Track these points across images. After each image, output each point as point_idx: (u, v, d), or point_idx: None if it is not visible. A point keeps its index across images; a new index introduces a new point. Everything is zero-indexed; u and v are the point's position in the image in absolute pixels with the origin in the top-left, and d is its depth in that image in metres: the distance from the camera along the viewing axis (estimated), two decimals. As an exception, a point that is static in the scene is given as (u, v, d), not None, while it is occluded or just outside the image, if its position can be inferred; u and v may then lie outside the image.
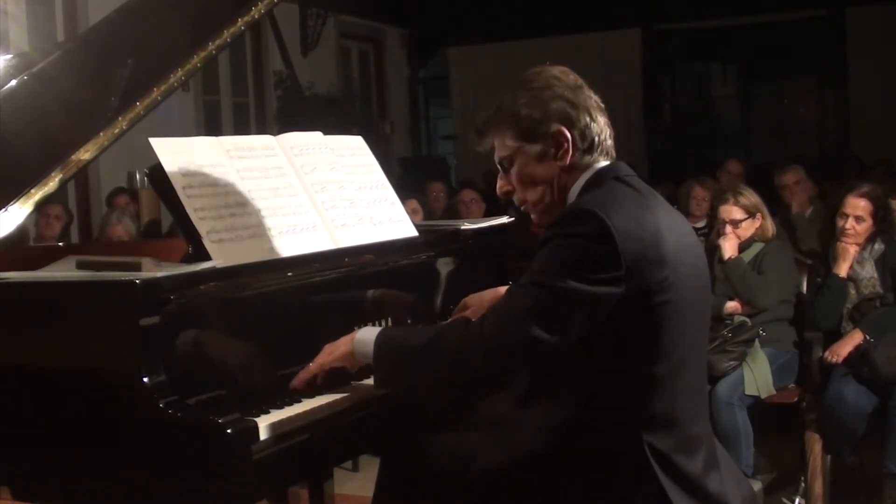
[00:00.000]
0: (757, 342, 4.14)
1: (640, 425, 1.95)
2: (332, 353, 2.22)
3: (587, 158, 2.07)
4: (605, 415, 1.97)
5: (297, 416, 2.10)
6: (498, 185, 2.18)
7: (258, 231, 2.39)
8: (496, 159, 2.16)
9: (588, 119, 2.06)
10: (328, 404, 2.19)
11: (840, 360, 4.00)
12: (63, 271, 2.28)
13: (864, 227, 4.17)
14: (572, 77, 2.12)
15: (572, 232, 1.92)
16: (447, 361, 2.03)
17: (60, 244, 4.61)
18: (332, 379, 2.24)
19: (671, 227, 1.99)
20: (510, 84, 2.16)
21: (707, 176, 6.88)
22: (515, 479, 2.06)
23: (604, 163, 2.09)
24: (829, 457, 3.97)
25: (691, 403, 2.04)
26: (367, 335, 2.16)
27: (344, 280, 2.52)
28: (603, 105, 2.12)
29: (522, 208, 2.16)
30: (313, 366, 2.23)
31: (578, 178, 2.08)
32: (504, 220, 3.22)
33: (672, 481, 1.94)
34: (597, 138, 2.07)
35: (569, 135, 2.05)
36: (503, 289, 2.35)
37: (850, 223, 4.17)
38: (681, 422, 1.98)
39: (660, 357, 1.94)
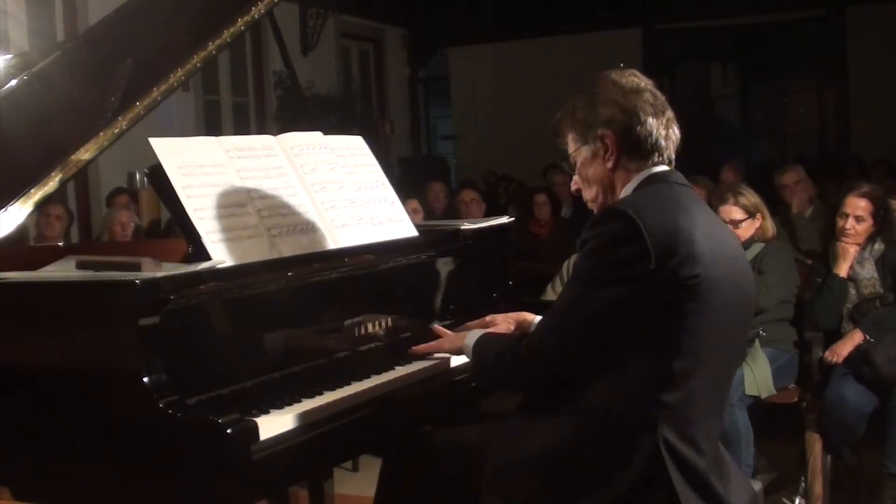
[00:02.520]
0: (757, 342, 4.13)
1: (654, 416, 1.97)
2: (452, 342, 2.49)
3: (636, 162, 2.13)
4: (620, 405, 1.99)
5: (297, 415, 2.10)
6: (572, 182, 2.29)
7: (258, 231, 2.39)
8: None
9: (636, 122, 2.11)
10: (328, 404, 2.19)
11: (840, 360, 4.00)
12: (63, 271, 2.28)
13: (864, 227, 4.17)
14: (633, 80, 2.17)
15: (603, 231, 2.01)
16: (510, 372, 2.19)
17: (60, 244, 4.61)
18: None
19: (711, 233, 2.03)
20: (576, 88, 2.25)
21: (706, 176, 6.87)
22: (518, 479, 2.06)
23: (658, 168, 2.14)
24: (829, 457, 3.97)
25: (708, 402, 2.05)
26: (472, 338, 2.35)
27: (344, 280, 2.52)
28: (664, 106, 2.16)
29: (589, 205, 2.25)
30: (434, 345, 2.54)
31: (629, 180, 2.14)
32: (504, 220, 3.22)
33: (681, 476, 1.96)
34: (648, 140, 2.12)
35: (614, 138, 2.12)
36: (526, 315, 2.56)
37: (850, 223, 4.17)
38: (695, 419, 2.00)
39: (680, 352, 1.97)
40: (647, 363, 1.98)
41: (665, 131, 2.14)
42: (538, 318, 2.46)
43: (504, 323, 2.55)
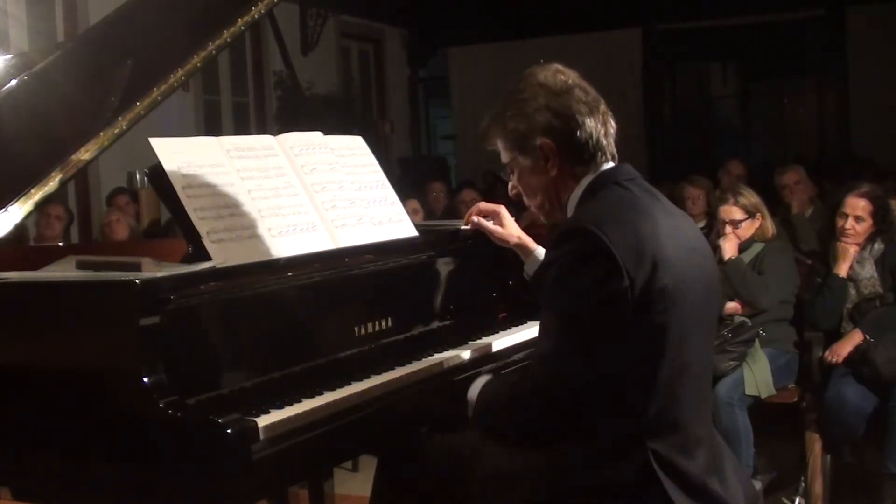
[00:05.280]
0: (757, 342, 4.14)
1: (642, 430, 1.94)
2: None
3: (580, 166, 2.07)
4: (607, 420, 1.96)
5: (297, 416, 2.10)
6: (509, 186, 2.23)
7: (258, 231, 2.39)
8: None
9: (574, 125, 2.04)
10: (328, 404, 2.19)
11: (840, 360, 4.01)
12: (63, 271, 2.28)
13: (864, 227, 4.17)
14: (560, 79, 2.09)
15: (570, 252, 1.94)
16: (514, 417, 2.09)
17: (60, 244, 4.61)
18: None
19: (673, 232, 1.98)
20: (502, 93, 2.17)
21: (706, 176, 6.87)
22: (516, 483, 2.06)
23: (604, 165, 2.08)
24: (829, 457, 3.97)
25: (694, 405, 2.03)
26: (474, 388, 2.24)
27: (344, 280, 2.52)
28: (597, 101, 2.09)
29: (533, 211, 2.20)
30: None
31: (576, 184, 2.08)
32: (504, 220, 3.22)
33: (674, 483, 1.94)
34: (589, 142, 2.05)
35: (554, 146, 2.05)
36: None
37: (850, 223, 4.17)
38: (683, 424, 1.98)
39: (663, 363, 1.93)
40: (631, 377, 1.94)
41: (604, 128, 2.07)
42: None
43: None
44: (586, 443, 1.97)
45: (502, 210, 2.70)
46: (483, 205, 2.75)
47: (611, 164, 2.09)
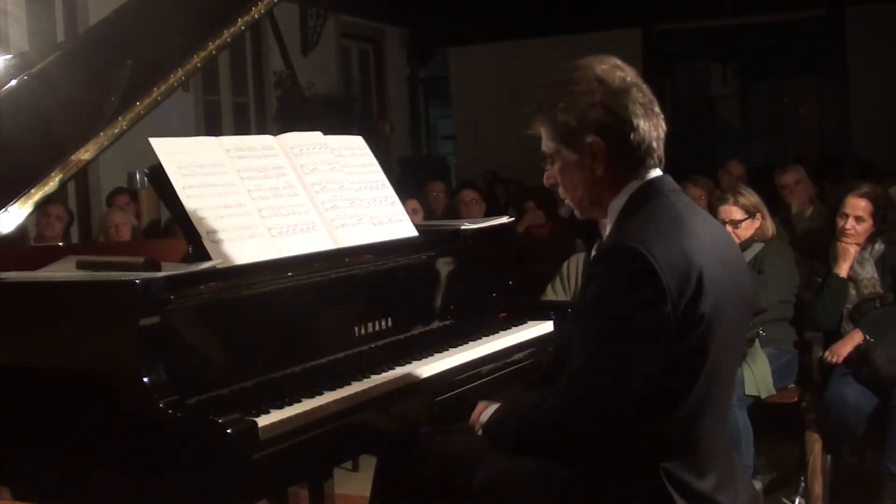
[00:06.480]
0: (757, 342, 4.13)
1: (660, 449, 1.90)
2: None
3: (628, 170, 1.98)
4: (625, 437, 1.91)
5: (297, 416, 2.10)
6: (545, 175, 2.10)
7: (258, 231, 2.39)
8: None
9: (628, 128, 1.95)
10: (328, 404, 2.19)
11: (840, 360, 4.00)
12: (63, 271, 2.28)
13: (864, 227, 4.17)
14: (619, 76, 1.98)
15: (614, 272, 1.87)
16: (538, 435, 2.01)
17: (60, 244, 4.61)
18: None
19: (714, 251, 1.92)
20: (553, 78, 2.03)
21: (706, 176, 6.87)
22: (518, 487, 2.04)
23: (651, 172, 2.00)
24: (829, 457, 3.97)
25: (717, 423, 1.99)
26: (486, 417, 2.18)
27: (344, 280, 2.52)
28: (652, 102, 2.00)
29: (568, 203, 2.10)
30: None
31: (621, 189, 1.99)
32: (504, 220, 3.22)
33: (686, 501, 1.90)
34: (641, 146, 1.96)
35: (604, 146, 1.96)
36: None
37: (850, 223, 4.17)
38: (701, 444, 1.94)
39: (695, 385, 1.88)
40: (660, 399, 1.88)
41: (656, 132, 1.99)
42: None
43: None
44: (599, 457, 1.94)
45: None
46: None
47: (657, 172, 2.01)
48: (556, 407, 1.95)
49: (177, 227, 2.51)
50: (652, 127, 1.98)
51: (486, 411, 2.20)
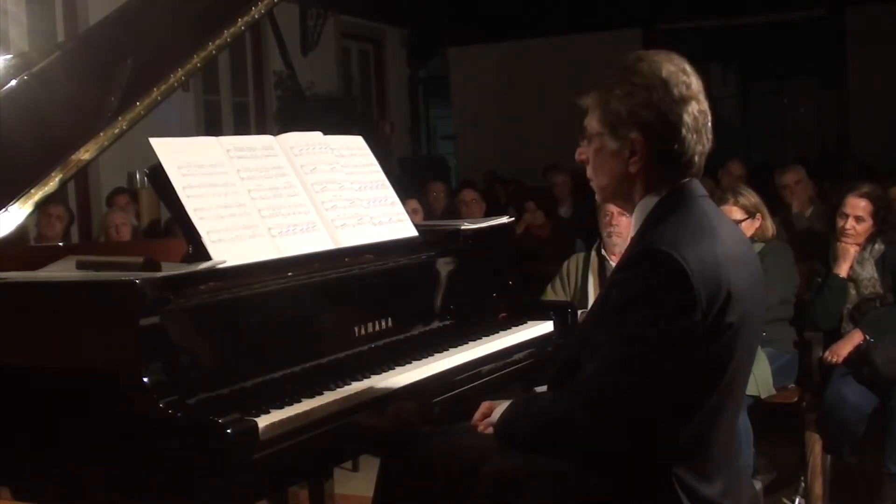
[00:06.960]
0: (757, 342, 4.13)
1: (671, 455, 1.90)
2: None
3: (663, 176, 1.96)
4: (637, 441, 1.90)
5: (297, 416, 2.10)
6: (578, 151, 2.07)
7: (258, 231, 2.39)
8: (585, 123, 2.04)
9: (675, 138, 1.92)
10: (328, 404, 2.19)
11: (840, 360, 4.00)
12: (63, 271, 2.28)
13: (864, 227, 4.17)
14: (683, 82, 1.94)
15: (645, 276, 1.84)
16: (551, 436, 1.98)
17: (60, 244, 4.61)
18: None
19: (740, 258, 1.91)
20: (620, 61, 1.98)
21: (706, 176, 6.87)
22: (521, 486, 2.04)
23: (685, 180, 1.98)
24: (829, 457, 3.97)
25: (729, 430, 2.00)
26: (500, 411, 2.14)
27: (344, 280, 2.52)
28: (706, 116, 1.96)
29: (592, 183, 2.07)
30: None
31: (651, 191, 1.97)
32: (504, 220, 3.22)
33: None
34: (682, 158, 1.94)
35: (646, 147, 1.93)
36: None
37: (850, 223, 4.17)
38: (712, 450, 1.94)
39: (714, 393, 1.88)
40: (678, 405, 1.87)
41: (701, 147, 1.96)
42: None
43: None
44: (612, 459, 1.93)
45: None
46: None
47: (686, 181, 1.98)
48: (574, 407, 1.92)
49: (177, 227, 2.51)
50: (698, 141, 1.95)
51: (496, 410, 2.18)
